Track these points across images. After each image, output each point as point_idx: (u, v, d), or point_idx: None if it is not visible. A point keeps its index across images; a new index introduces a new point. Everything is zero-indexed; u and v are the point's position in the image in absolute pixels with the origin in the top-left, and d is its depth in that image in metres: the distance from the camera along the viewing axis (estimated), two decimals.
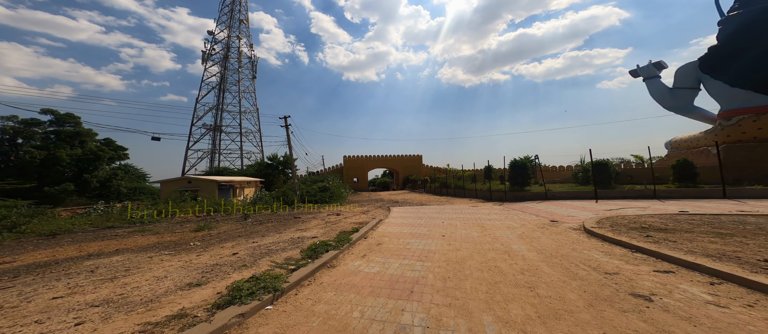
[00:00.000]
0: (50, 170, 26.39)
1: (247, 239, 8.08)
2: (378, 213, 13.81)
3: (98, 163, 28.45)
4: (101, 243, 8.45)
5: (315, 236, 8.16)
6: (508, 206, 13.71)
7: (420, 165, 48.71)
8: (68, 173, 27.66)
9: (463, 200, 19.03)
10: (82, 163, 27.86)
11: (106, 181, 28.91)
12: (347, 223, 10.86)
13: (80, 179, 27.49)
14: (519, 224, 8.99)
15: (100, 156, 28.58)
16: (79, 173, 27.84)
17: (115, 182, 29.63)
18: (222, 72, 52.86)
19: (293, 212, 16.08)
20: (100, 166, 28.67)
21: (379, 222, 10.49)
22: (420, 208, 15.50)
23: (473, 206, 14.69)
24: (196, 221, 13.68)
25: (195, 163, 50.97)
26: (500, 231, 8.00)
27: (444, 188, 26.60)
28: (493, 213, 11.90)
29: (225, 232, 9.89)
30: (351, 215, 13.35)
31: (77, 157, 27.44)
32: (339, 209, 16.92)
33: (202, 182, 26.18)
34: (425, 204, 17.86)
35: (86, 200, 27.86)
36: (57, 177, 26.88)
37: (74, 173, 27.94)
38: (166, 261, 5.79)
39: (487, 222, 9.59)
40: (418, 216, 12.00)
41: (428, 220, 10.83)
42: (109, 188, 29.18)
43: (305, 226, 10.56)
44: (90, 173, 27.90)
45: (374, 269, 4.99)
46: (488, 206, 14.30)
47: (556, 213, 10.69)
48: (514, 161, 16.38)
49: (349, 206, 18.65)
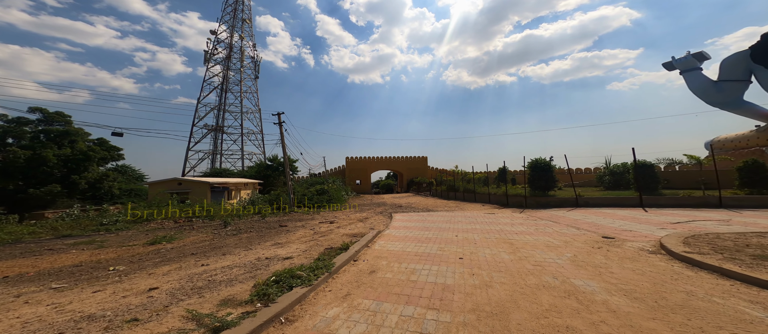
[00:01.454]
0: (36, 170, 24.82)
1: (199, 260, 6.01)
2: (378, 221, 11.67)
3: (88, 164, 26.81)
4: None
5: (290, 256, 6.04)
6: (532, 214, 11.43)
7: (425, 167, 46.45)
8: (57, 173, 26.10)
9: (475, 205, 16.77)
10: (71, 164, 26.25)
11: (96, 182, 27.27)
12: (339, 235, 8.74)
13: (68, 180, 25.86)
14: (560, 240, 6.76)
15: (90, 156, 26.94)
16: (68, 173, 26.24)
17: (106, 183, 27.99)
18: (224, 72, 51.52)
19: (282, 218, 14.01)
20: (90, 167, 27.03)
21: (378, 235, 8.34)
22: (427, 214, 13.31)
23: (489, 214, 12.45)
24: (168, 229, 11.70)
25: (195, 165, 49.54)
26: (540, 252, 5.77)
27: (451, 191, 24.32)
28: (517, 223, 9.64)
29: (184, 246, 7.83)
30: (346, 224, 11.23)
31: (65, 158, 25.83)
32: (335, 215, 14.82)
33: (194, 184, 24.36)
34: (432, 210, 15.65)
35: (78, 201, 26.31)
36: (44, 178, 25.32)
37: (63, 173, 26.36)
38: (27, 306, 3.72)
39: (515, 237, 7.36)
40: (425, 226, 9.81)
41: (438, 231, 8.64)
42: (99, 190, 27.54)
43: (286, 238, 8.45)
44: (79, 173, 26.27)
45: (356, 332, 2.85)
46: (507, 214, 12.03)
47: (603, 226, 8.40)
48: (535, 162, 14.02)
49: (347, 211, 16.54)
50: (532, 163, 13.94)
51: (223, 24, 53.23)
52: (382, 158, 46.19)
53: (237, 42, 52.81)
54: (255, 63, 55.55)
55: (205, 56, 51.29)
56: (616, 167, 17.48)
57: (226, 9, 53.59)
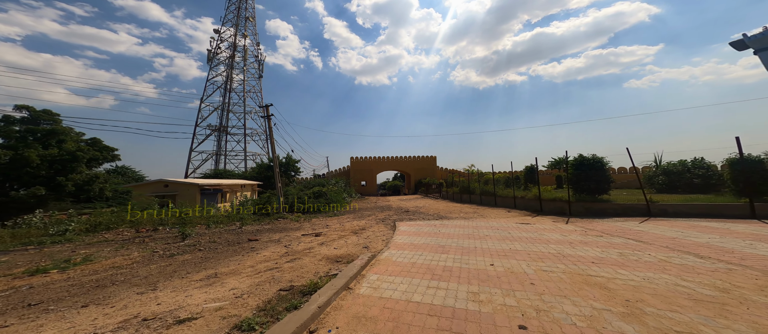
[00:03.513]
0: (19, 171, 22.96)
1: (67, 312, 3.32)
2: (376, 234, 8.83)
3: (75, 165, 24.88)
4: None
5: (200, 314, 3.28)
6: (587, 226, 8.38)
7: (434, 167, 43.38)
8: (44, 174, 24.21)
9: (498, 210, 13.75)
10: (57, 165, 24.35)
11: (84, 184, 25.30)
12: (317, 258, 5.95)
13: (54, 181, 23.94)
14: (676, 274, 3.82)
15: (78, 157, 25.02)
16: (54, 175, 24.33)
17: (96, 185, 26.02)
18: (228, 71, 49.75)
19: (262, 227, 11.32)
20: (78, 168, 25.09)
21: (371, 261, 5.51)
22: (439, 224, 10.42)
23: (523, 223, 9.45)
24: (116, 243, 9.15)
25: (199, 166, 47.81)
26: (683, 312, 2.86)
27: (465, 193, 21.27)
28: (577, 241, 6.66)
29: (77, 277, 5.17)
30: (336, 237, 8.44)
31: (51, 159, 23.94)
32: (327, 223, 12.06)
33: (181, 186, 22.06)
34: (445, 216, 12.72)
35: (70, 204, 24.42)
36: (28, 180, 23.45)
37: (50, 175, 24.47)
38: None
39: (598, 272, 4.40)
40: (440, 244, 6.93)
41: (460, 254, 5.76)
42: (89, 192, 25.57)
43: (237, 265, 5.71)
44: (65, 175, 24.34)
45: None
46: (548, 224, 9.02)
47: (719, 247, 5.38)
48: (580, 159, 10.77)
49: (344, 217, 13.77)
50: (576, 161, 10.77)
51: (226, 23, 51.54)
52: (388, 158, 43.39)
53: (240, 41, 51.01)
54: (259, 62, 53.64)
55: (208, 55, 49.65)
56: (671, 165, 14.08)
57: (230, 7, 51.91)
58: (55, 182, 23.84)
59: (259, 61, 53.66)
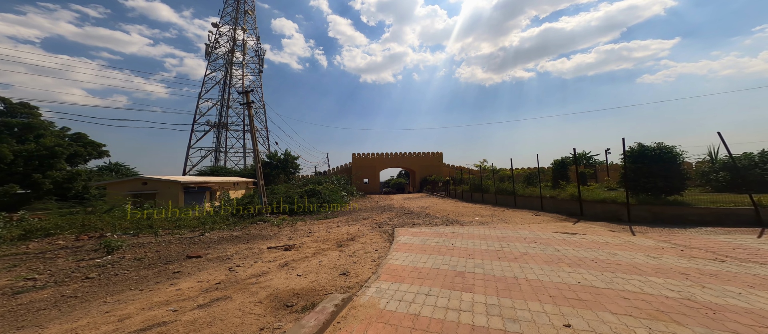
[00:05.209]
0: None
1: None
2: (367, 246, 6.38)
3: (54, 162, 22.97)
4: None
5: None
6: (668, 239, 5.82)
7: (440, 164, 40.75)
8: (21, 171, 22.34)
9: (521, 213, 11.21)
10: (34, 161, 22.45)
11: (64, 182, 23.37)
12: (261, 296, 3.54)
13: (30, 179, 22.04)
14: None
15: (56, 153, 23.11)
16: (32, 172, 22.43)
17: (78, 183, 24.09)
18: (227, 66, 47.77)
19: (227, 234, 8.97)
20: (57, 164, 23.17)
21: (344, 309, 3.09)
22: (451, 231, 7.95)
23: (566, 233, 6.94)
24: (33, 256, 6.92)
25: (197, 163, 45.98)
26: None
27: (477, 192, 18.71)
28: (684, 268, 4.11)
29: None
30: (311, 253, 6.04)
31: (27, 154, 22.04)
32: (310, 229, 9.67)
33: (162, 184, 19.93)
34: (457, 221, 10.24)
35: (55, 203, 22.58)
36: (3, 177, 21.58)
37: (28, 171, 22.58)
38: None
39: None
40: (457, 269, 4.45)
41: (493, 291, 3.29)
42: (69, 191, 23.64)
43: (129, 306, 3.37)
44: (42, 172, 22.43)
45: None
46: (605, 235, 6.49)
47: None
48: (640, 150, 8.04)
49: (334, 222, 11.37)
50: (635, 151, 8.11)
51: (225, 17, 49.54)
52: (392, 155, 40.92)
53: (239, 35, 48.96)
54: (259, 56, 51.55)
55: (206, 50, 47.72)
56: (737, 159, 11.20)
57: (229, 0, 49.85)
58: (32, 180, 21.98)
59: (258, 56, 51.59)
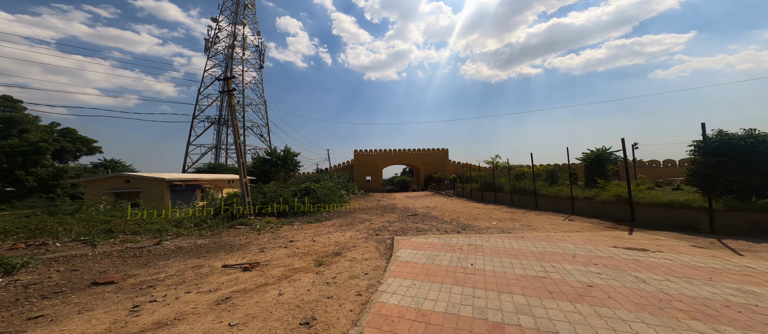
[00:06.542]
0: None
1: None
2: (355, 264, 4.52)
3: (38, 158, 21.63)
4: None
5: None
6: None
7: (445, 161, 38.84)
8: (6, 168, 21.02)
9: (548, 217, 9.34)
10: (18, 157, 21.11)
11: (49, 179, 22.03)
12: None
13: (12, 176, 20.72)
14: None
15: (41, 149, 21.77)
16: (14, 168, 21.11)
17: (64, 180, 22.76)
18: (227, 61, 46.31)
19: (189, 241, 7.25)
20: (41, 160, 21.84)
21: None
22: (466, 243, 6.13)
23: (630, 249, 5.08)
24: None
25: (197, 160, 44.79)
26: None
27: (489, 191, 16.82)
28: None
29: None
30: (277, 276, 4.26)
31: (9, 150, 20.70)
32: (294, 235, 7.95)
33: (146, 182, 18.48)
34: (470, 225, 8.43)
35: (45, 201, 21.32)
36: None
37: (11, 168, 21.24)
38: None
39: None
40: (488, 317, 2.64)
41: None
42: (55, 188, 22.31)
43: None
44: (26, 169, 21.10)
45: None
46: (693, 255, 4.63)
47: None
48: (721, 138, 6.13)
49: (324, 227, 9.60)
50: (715, 141, 6.17)
51: (225, 11, 48.03)
52: (395, 151, 39.11)
53: (239, 29, 47.42)
54: (259, 51, 50.02)
55: (205, 45, 46.35)
56: None
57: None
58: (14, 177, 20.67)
59: (259, 52, 50.05)
